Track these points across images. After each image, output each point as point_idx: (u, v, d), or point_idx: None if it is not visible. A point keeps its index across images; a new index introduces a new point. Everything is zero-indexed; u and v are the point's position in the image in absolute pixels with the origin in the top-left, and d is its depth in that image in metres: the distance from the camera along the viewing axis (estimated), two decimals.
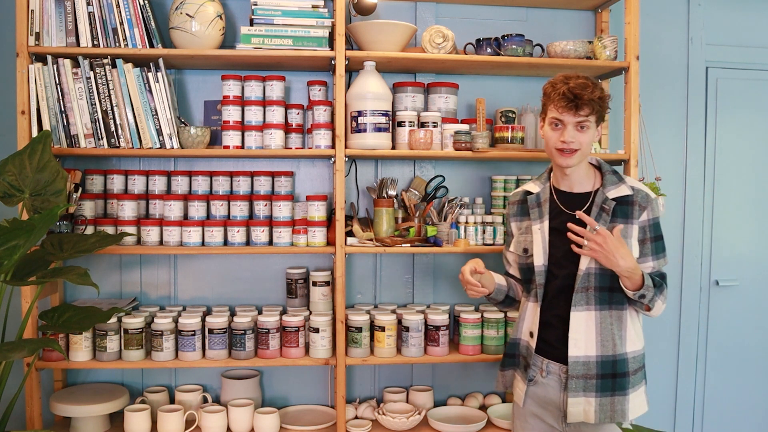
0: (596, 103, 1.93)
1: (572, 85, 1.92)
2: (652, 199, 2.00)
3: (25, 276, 2.21)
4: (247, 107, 2.62)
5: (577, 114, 1.93)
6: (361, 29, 2.61)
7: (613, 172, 2.05)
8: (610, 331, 1.96)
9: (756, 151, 3.23)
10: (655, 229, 2.01)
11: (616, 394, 1.95)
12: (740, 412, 3.25)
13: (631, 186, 2.01)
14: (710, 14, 3.14)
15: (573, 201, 2.04)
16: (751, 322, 3.25)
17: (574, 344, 1.96)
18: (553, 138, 1.98)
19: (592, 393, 1.95)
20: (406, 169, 2.93)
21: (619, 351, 1.96)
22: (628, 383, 1.96)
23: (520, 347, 2.11)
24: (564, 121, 1.95)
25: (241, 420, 2.56)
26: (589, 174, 2.06)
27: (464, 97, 2.90)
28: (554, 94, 1.95)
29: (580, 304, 1.96)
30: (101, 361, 2.52)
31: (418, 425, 2.66)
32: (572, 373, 1.96)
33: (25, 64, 2.45)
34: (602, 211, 1.98)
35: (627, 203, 1.98)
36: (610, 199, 1.98)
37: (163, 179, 2.71)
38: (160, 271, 2.84)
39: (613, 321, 1.96)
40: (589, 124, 1.96)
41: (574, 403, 1.96)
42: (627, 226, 1.97)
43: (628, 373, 1.96)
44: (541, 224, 2.05)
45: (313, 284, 2.73)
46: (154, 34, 2.51)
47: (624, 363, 1.96)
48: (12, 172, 2.24)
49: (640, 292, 1.90)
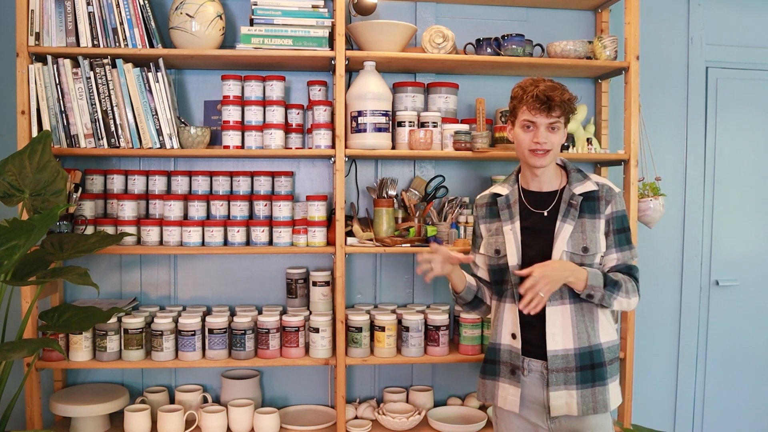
0: (566, 104, 2.01)
1: (543, 88, 1.99)
2: (616, 193, 2.07)
3: (25, 276, 2.21)
4: (247, 107, 2.62)
5: (549, 115, 1.99)
6: (361, 29, 2.61)
7: (578, 170, 2.12)
8: (583, 322, 2.01)
9: (756, 151, 3.23)
10: (619, 222, 2.06)
11: (596, 384, 1.99)
12: (740, 412, 3.25)
13: (596, 182, 2.08)
14: (710, 14, 3.14)
15: (541, 200, 2.09)
16: (751, 322, 3.25)
17: (552, 338, 2.00)
18: (526, 140, 2.03)
19: (573, 385, 1.99)
20: (406, 169, 2.93)
21: (593, 342, 2.01)
22: (607, 373, 2.01)
23: (502, 352, 2.10)
24: (536, 123, 2.01)
25: (241, 420, 2.56)
26: (556, 173, 2.12)
27: (464, 97, 2.90)
28: (526, 96, 2.01)
29: (555, 299, 1.99)
30: (101, 361, 2.52)
31: (418, 425, 2.66)
32: (552, 367, 1.99)
33: (25, 64, 2.45)
34: (570, 206, 2.04)
35: (593, 198, 2.05)
36: (576, 195, 2.05)
37: (163, 179, 2.71)
38: (160, 271, 2.84)
39: (585, 313, 2.01)
40: (559, 125, 2.02)
41: (555, 396, 1.99)
42: (594, 220, 2.03)
43: (604, 363, 2.01)
44: (513, 225, 2.09)
45: (313, 284, 2.73)
46: (154, 34, 2.51)
47: (600, 353, 2.01)
48: (12, 172, 2.24)
49: (585, 292, 1.95)
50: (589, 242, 2.01)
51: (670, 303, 3.16)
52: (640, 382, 3.04)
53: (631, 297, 2.02)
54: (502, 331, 2.10)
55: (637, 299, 2.05)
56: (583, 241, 2.01)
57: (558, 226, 2.03)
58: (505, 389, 2.09)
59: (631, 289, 2.03)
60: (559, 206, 2.05)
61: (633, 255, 2.08)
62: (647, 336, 3.12)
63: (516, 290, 2.04)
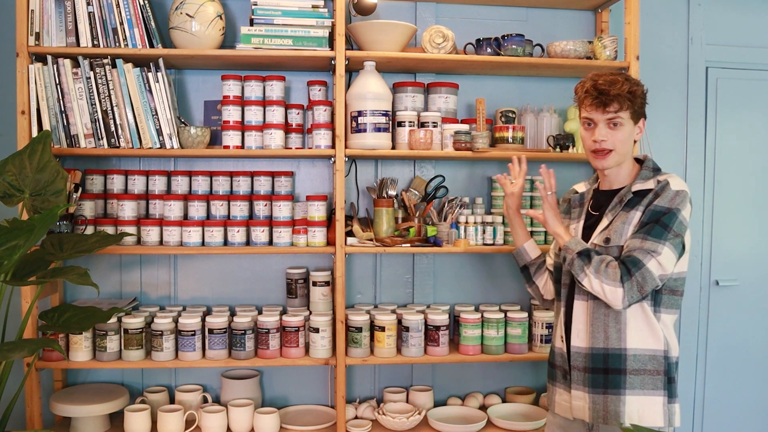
0: (625, 97, 1.84)
1: (599, 82, 1.86)
2: (670, 189, 1.84)
3: (25, 276, 2.21)
4: (247, 107, 2.62)
5: (605, 111, 1.86)
6: (361, 29, 2.61)
7: (654, 168, 1.95)
8: (602, 322, 1.87)
9: (756, 151, 3.23)
10: (652, 215, 1.82)
11: (609, 392, 1.85)
12: (740, 412, 3.25)
13: (657, 179, 1.90)
14: (710, 14, 3.14)
15: (608, 198, 1.97)
16: (751, 322, 3.25)
17: (576, 335, 1.91)
18: (587, 139, 1.92)
19: (586, 387, 1.88)
20: (406, 169, 2.93)
21: (612, 344, 1.85)
22: (624, 382, 1.84)
23: (556, 355, 2.02)
24: (594, 120, 1.90)
25: (241, 420, 2.56)
26: (630, 172, 1.97)
27: (464, 97, 2.90)
28: (582, 92, 1.91)
29: (579, 294, 1.92)
30: (101, 361, 2.52)
31: (418, 425, 2.65)
32: (574, 364, 1.92)
33: (25, 64, 2.45)
34: (618, 203, 1.92)
35: (643, 195, 1.89)
36: (630, 192, 1.91)
37: (163, 179, 2.71)
38: (160, 271, 2.84)
39: (609, 312, 1.86)
40: (621, 121, 1.87)
41: (575, 396, 1.92)
42: (630, 212, 1.87)
43: (624, 370, 1.84)
44: (577, 224, 2.02)
45: (313, 284, 2.73)
46: (154, 34, 2.51)
47: (619, 359, 1.84)
48: (12, 172, 2.24)
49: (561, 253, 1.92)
50: (613, 233, 1.87)
51: None
52: None
53: (603, 281, 1.79)
54: (556, 333, 2.03)
55: (615, 290, 1.78)
56: (608, 232, 1.89)
57: (601, 222, 1.94)
58: (560, 395, 1.99)
59: (608, 274, 1.79)
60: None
61: (646, 247, 1.79)
62: None
63: (564, 291, 1.98)
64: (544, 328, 2.68)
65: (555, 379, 2.02)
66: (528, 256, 2.23)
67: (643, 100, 1.91)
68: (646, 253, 1.79)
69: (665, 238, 1.80)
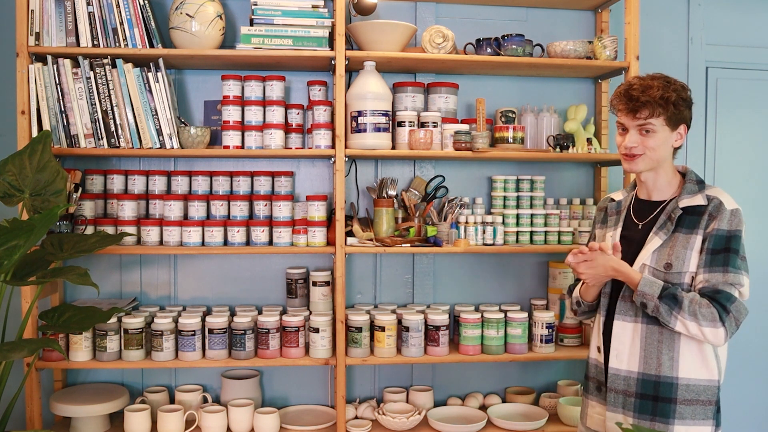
0: (657, 103, 1.79)
1: (633, 87, 1.83)
2: (726, 210, 1.82)
3: (25, 276, 2.21)
4: (247, 107, 2.62)
5: (636, 117, 1.83)
6: (361, 29, 2.61)
7: (697, 181, 1.91)
8: (656, 348, 1.81)
9: (756, 151, 3.23)
10: (717, 241, 1.79)
11: (657, 419, 1.80)
12: (740, 412, 3.25)
13: (707, 195, 1.86)
14: (710, 14, 3.14)
15: (648, 209, 1.93)
16: (751, 322, 3.24)
17: (616, 356, 1.86)
18: (620, 144, 1.89)
19: (630, 412, 1.83)
20: (406, 169, 2.93)
21: (665, 372, 1.80)
22: (673, 411, 1.78)
23: (590, 367, 1.98)
24: (626, 125, 1.86)
25: (241, 420, 2.56)
26: (671, 182, 1.93)
27: (464, 97, 2.90)
28: (615, 97, 1.88)
29: (627, 314, 1.86)
30: (101, 361, 2.52)
31: (418, 425, 2.65)
32: (611, 386, 1.86)
33: (25, 64, 2.45)
34: (668, 219, 1.85)
35: (697, 213, 1.84)
36: (678, 208, 1.85)
37: (163, 179, 2.71)
38: (160, 271, 2.84)
39: (663, 339, 1.81)
40: (653, 127, 1.82)
41: (611, 417, 1.86)
42: (690, 236, 1.82)
43: (674, 400, 1.79)
44: (614, 232, 1.97)
45: (313, 284, 2.73)
46: (154, 34, 2.51)
47: (671, 388, 1.79)
48: (12, 172, 2.24)
49: (637, 299, 1.79)
50: (674, 259, 1.81)
51: None
52: None
53: (701, 323, 1.73)
54: (592, 344, 1.99)
55: (716, 330, 1.72)
56: (669, 257, 1.81)
57: (649, 238, 1.87)
58: (593, 407, 1.96)
59: (704, 315, 1.73)
60: (659, 218, 1.88)
61: (730, 280, 1.76)
62: None
63: (605, 301, 1.93)
64: (544, 328, 2.68)
65: (588, 391, 1.99)
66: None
67: (682, 106, 1.84)
68: (732, 286, 1.78)
69: (741, 267, 1.81)
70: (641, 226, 1.92)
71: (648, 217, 1.92)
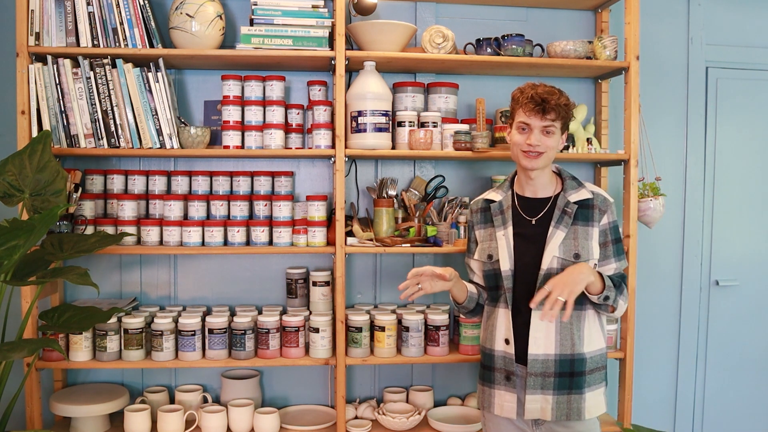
0: (562, 109, 2.02)
1: (540, 91, 2.01)
2: (610, 203, 2.10)
3: (25, 276, 2.21)
4: (247, 107, 2.62)
5: (543, 118, 2.01)
6: (361, 29, 2.61)
7: (573, 177, 2.14)
8: (569, 330, 2.01)
9: (756, 151, 3.23)
10: (615, 232, 2.09)
11: (573, 392, 2.01)
12: (740, 412, 3.25)
13: (591, 190, 2.10)
14: (710, 14, 3.14)
15: (535, 206, 2.11)
16: (751, 322, 3.25)
17: (534, 342, 2.01)
18: (520, 141, 2.05)
19: (550, 391, 2.01)
20: (406, 169, 2.93)
21: (577, 350, 2.02)
22: (584, 382, 2.02)
23: (496, 359, 2.10)
24: (531, 125, 2.03)
25: (241, 420, 2.56)
26: (551, 180, 2.13)
27: (464, 97, 2.90)
28: (522, 98, 2.03)
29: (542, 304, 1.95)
30: (101, 361, 2.52)
31: (418, 425, 2.66)
32: (531, 370, 2.01)
33: (25, 64, 2.45)
34: (564, 213, 2.05)
35: (587, 207, 2.07)
36: (572, 203, 2.06)
37: (163, 179, 2.71)
38: (160, 271, 2.84)
39: (572, 320, 2.02)
40: (554, 130, 2.03)
41: (531, 400, 2.01)
42: (588, 228, 2.05)
43: (584, 372, 2.02)
44: (505, 230, 2.10)
45: (313, 284, 2.73)
46: (154, 34, 2.51)
47: (582, 362, 2.02)
48: (12, 172, 2.24)
49: (603, 294, 1.96)
50: (581, 249, 2.02)
51: (670, 303, 3.16)
52: (640, 382, 3.04)
53: (626, 303, 2.07)
54: (496, 336, 2.10)
55: (626, 306, 2.08)
56: (575, 247, 2.02)
57: (550, 232, 2.04)
58: (501, 396, 2.09)
59: (624, 295, 2.06)
60: (552, 212, 2.07)
61: (626, 263, 2.14)
62: (647, 336, 3.12)
63: (509, 295, 2.06)
64: None
65: (494, 381, 2.11)
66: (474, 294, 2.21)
67: (571, 114, 2.08)
68: (623, 266, 2.12)
69: (624, 252, 2.14)
70: (534, 221, 2.08)
71: (539, 213, 2.09)
